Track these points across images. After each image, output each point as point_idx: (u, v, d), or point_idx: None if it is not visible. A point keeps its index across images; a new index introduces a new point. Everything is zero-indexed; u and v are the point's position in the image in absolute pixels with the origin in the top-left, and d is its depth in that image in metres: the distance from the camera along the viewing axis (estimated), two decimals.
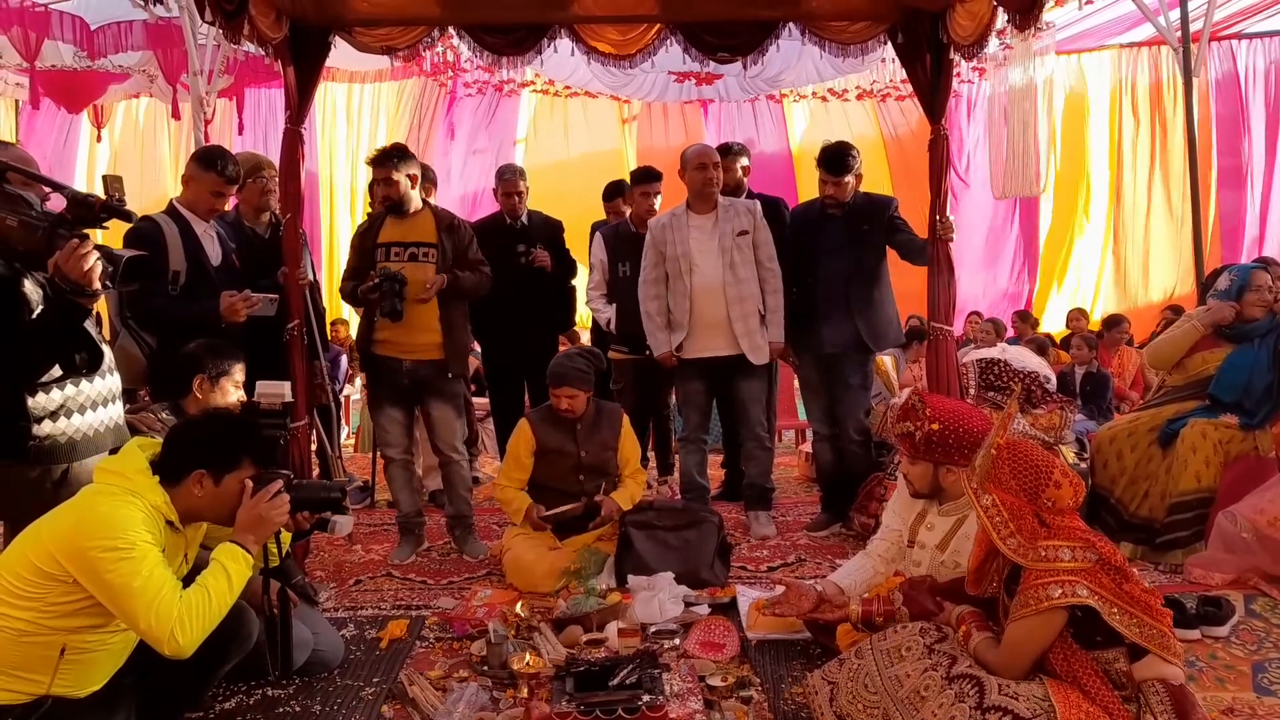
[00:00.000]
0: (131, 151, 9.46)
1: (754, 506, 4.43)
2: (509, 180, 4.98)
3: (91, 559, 2.03)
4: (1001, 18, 3.66)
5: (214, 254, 3.57)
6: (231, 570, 2.24)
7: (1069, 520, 2.19)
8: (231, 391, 3.00)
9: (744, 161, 4.76)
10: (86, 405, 2.52)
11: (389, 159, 3.84)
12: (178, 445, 2.29)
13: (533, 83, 9.40)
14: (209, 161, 3.52)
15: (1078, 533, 2.17)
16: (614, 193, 5.25)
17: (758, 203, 4.38)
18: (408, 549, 4.04)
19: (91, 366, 2.49)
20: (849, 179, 4.20)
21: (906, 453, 2.79)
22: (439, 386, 3.98)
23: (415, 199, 3.96)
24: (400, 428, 4.02)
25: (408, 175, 3.88)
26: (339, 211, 9.53)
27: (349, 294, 4.02)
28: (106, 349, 2.73)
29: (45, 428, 2.42)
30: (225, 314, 3.44)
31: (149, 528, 2.13)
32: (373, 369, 4.04)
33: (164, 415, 2.91)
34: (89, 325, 2.48)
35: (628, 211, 5.07)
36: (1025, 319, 8.48)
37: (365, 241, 3.98)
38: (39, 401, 2.41)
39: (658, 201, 4.74)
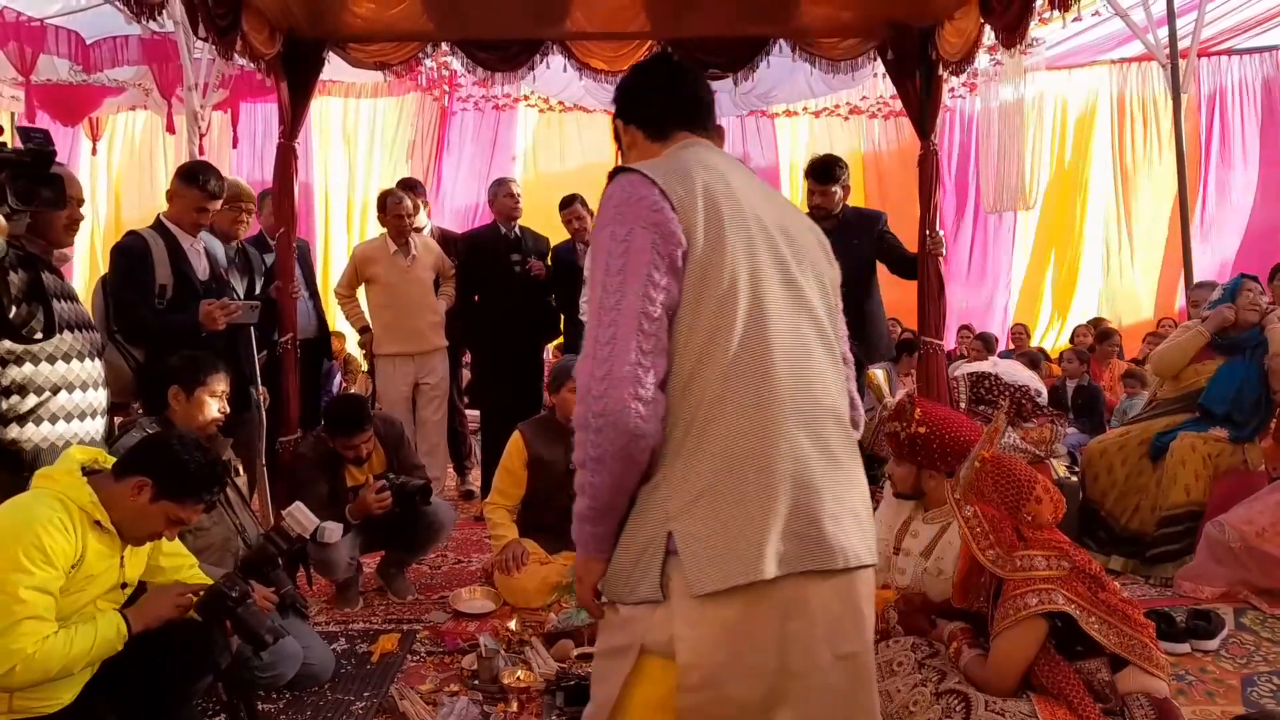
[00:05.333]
0: (130, 165, 9.46)
1: None
2: (507, 182, 5.13)
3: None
4: (989, 35, 3.71)
5: (200, 268, 3.55)
6: (101, 632, 2.10)
7: (1047, 534, 2.22)
8: (209, 403, 2.88)
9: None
10: (60, 415, 2.48)
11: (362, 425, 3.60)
12: (142, 449, 2.23)
13: (528, 98, 9.44)
14: (191, 177, 3.50)
15: (1052, 542, 2.20)
16: (568, 202, 5.26)
17: None
18: (351, 596, 3.71)
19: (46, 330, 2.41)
20: (836, 189, 4.21)
21: (892, 452, 2.78)
22: None
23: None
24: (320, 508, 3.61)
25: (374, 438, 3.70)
26: (334, 226, 9.53)
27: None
28: (98, 362, 2.72)
29: (12, 432, 2.38)
30: (203, 321, 3.37)
31: (64, 538, 2.02)
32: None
33: (151, 430, 2.88)
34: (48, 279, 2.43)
35: (588, 219, 5.16)
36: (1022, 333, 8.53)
37: (327, 477, 3.68)
38: (12, 403, 2.37)
39: None
